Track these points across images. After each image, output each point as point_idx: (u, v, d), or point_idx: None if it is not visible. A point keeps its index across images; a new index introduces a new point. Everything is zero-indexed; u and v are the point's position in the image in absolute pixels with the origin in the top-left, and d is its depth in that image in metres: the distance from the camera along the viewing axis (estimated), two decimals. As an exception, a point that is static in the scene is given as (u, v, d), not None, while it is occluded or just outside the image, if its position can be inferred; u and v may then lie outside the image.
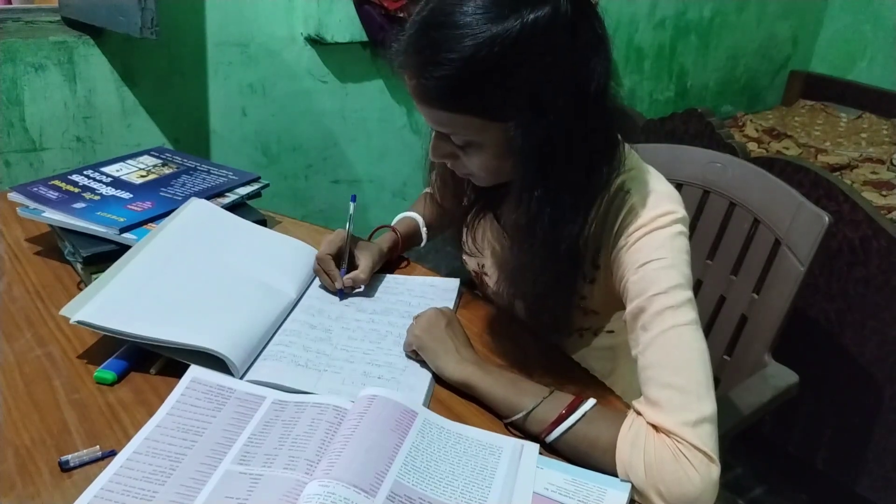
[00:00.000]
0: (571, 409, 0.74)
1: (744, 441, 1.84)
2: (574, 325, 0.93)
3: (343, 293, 0.99)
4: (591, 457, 0.72)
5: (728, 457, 1.84)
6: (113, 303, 0.84)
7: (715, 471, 0.67)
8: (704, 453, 0.66)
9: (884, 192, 2.06)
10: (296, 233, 1.11)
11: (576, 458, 0.73)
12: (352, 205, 1.04)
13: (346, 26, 1.82)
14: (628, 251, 0.77)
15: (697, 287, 1.21)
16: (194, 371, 0.79)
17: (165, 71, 1.68)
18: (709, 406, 0.69)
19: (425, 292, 1.02)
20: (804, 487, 1.78)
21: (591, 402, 0.75)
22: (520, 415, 0.75)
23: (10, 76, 1.49)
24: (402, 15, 1.81)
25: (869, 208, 1.53)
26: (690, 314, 0.72)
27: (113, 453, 0.69)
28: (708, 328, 1.19)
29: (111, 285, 0.86)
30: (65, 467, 0.67)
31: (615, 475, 0.70)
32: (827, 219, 1.04)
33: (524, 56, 0.67)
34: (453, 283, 1.04)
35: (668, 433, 0.68)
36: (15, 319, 0.90)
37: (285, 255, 1.04)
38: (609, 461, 0.70)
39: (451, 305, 0.98)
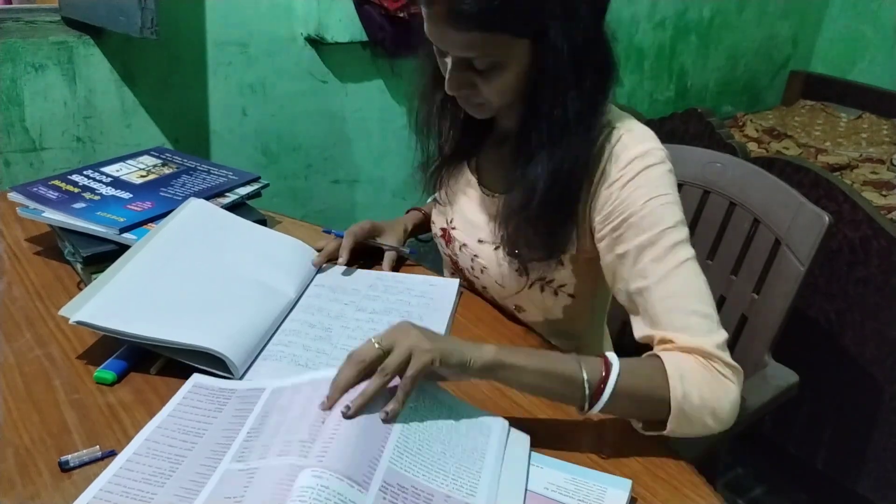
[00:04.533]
0: (607, 366, 0.71)
1: (744, 441, 1.84)
2: (540, 272, 0.91)
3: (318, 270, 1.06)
4: (637, 404, 0.73)
5: (728, 457, 1.85)
6: (113, 303, 0.84)
7: (742, 375, 0.75)
8: (734, 368, 0.74)
9: (884, 192, 2.06)
10: (296, 233, 1.11)
11: (623, 410, 0.74)
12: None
13: (346, 26, 1.82)
14: (627, 185, 0.79)
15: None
16: (196, 379, 0.79)
17: (165, 71, 1.68)
18: (723, 329, 0.76)
19: (425, 292, 1.02)
20: (804, 487, 1.78)
21: (611, 354, 0.73)
22: (584, 385, 0.70)
23: (10, 76, 1.49)
24: (402, 15, 1.81)
25: (869, 208, 1.53)
26: (692, 249, 0.79)
27: (113, 453, 0.69)
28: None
29: (111, 285, 0.86)
30: (65, 467, 0.67)
31: (655, 419, 0.73)
32: (827, 219, 1.04)
33: None
34: (453, 283, 1.04)
35: (705, 355, 0.73)
36: (15, 319, 0.90)
37: (284, 255, 1.04)
38: (649, 407, 0.72)
39: (451, 305, 0.98)
